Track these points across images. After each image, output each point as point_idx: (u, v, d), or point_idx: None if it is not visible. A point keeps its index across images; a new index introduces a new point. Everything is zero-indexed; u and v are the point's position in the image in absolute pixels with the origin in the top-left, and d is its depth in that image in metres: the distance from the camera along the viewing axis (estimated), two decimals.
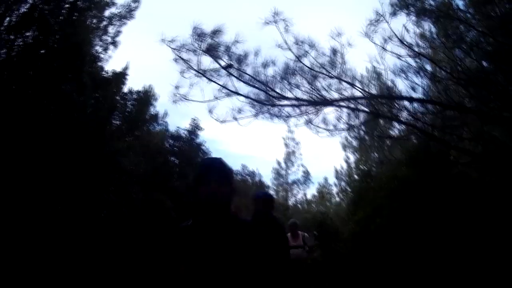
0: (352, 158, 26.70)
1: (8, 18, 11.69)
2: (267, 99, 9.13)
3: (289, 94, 9.13)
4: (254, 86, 9.06)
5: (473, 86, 8.96)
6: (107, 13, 15.63)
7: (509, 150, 9.24)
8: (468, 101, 9.48)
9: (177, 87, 8.86)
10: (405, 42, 9.03)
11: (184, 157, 15.90)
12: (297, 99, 9.15)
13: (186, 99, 8.83)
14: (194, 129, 16.63)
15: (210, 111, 8.90)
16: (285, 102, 9.21)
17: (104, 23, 15.66)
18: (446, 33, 9.70)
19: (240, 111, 9.00)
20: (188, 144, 16.36)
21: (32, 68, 11.29)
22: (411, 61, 9.53)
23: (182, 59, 8.87)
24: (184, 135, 16.53)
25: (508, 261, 7.84)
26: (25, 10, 11.91)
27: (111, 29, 15.82)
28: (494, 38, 8.63)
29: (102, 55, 15.47)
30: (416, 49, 9.38)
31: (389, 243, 9.48)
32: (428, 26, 10.33)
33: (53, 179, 9.85)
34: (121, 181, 11.60)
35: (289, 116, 9.34)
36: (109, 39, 15.76)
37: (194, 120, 16.69)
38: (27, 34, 11.80)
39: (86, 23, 14.45)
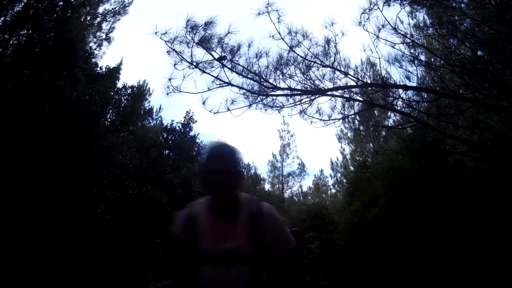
0: (347, 150, 26.93)
1: (2, 18, 11.67)
2: (260, 90, 9.11)
3: (282, 84, 9.11)
4: (247, 77, 9.02)
5: (468, 74, 8.92)
6: (100, 9, 15.63)
7: (505, 138, 9.22)
8: (464, 89, 9.44)
9: (170, 79, 8.81)
10: (398, 30, 8.97)
11: (178, 150, 15.87)
12: (290, 89, 9.12)
13: (179, 91, 8.78)
14: (188, 122, 16.60)
15: (204, 103, 8.86)
16: (279, 92, 9.19)
17: (98, 19, 15.64)
18: (440, 22, 9.67)
19: (233, 102, 8.96)
20: (182, 137, 16.32)
21: (26, 66, 11.26)
22: (405, 50, 9.51)
23: (175, 51, 8.81)
24: (178, 128, 16.50)
25: (505, 249, 7.84)
26: (19, 9, 11.88)
27: (105, 25, 15.81)
28: (489, 27, 8.59)
29: (96, 52, 15.48)
30: (410, 38, 9.33)
31: (385, 232, 9.47)
32: (422, 17, 10.32)
33: (46, 174, 9.81)
34: (115, 175, 11.55)
35: (282, 106, 9.33)
36: (103, 35, 15.76)
37: (188, 113, 16.66)
38: (22, 32, 11.77)
39: (80, 20, 14.41)
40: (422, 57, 10.14)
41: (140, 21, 35.68)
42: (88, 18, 15.25)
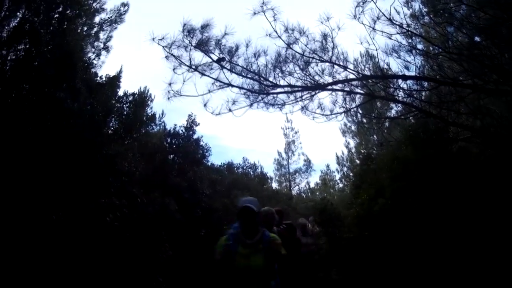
0: (352, 143, 26.90)
1: None
2: (261, 89, 9.15)
3: (282, 82, 9.17)
4: (247, 77, 9.08)
5: (466, 60, 8.94)
6: (97, 19, 15.74)
7: (507, 122, 9.23)
8: (463, 76, 9.46)
9: (170, 84, 8.86)
10: (394, 21, 8.99)
11: (182, 154, 15.90)
12: (290, 86, 9.17)
13: (180, 94, 8.83)
14: (191, 125, 16.58)
15: (205, 105, 8.91)
16: (279, 89, 9.23)
17: (95, 29, 15.76)
18: (435, 10, 9.68)
19: (234, 102, 9.03)
20: (186, 141, 16.34)
21: (26, 81, 11.32)
22: (402, 40, 9.53)
23: (173, 55, 8.87)
24: (181, 132, 16.50)
25: None
26: (15, 24, 11.94)
27: (102, 35, 15.94)
28: (484, 12, 8.61)
29: (95, 61, 15.60)
30: (406, 28, 9.36)
31: (393, 223, 9.47)
32: (418, 6, 10.33)
33: (53, 185, 9.86)
34: (121, 182, 11.59)
35: (284, 103, 9.36)
36: (101, 45, 15.89)
37: (190, 116, 16.64)
38: (19, 47, 11.82)
39: (76, 31, 14.48)
40: (420, 47, 10.18)
41: (137, 28, 35.78)
42: (85, 28, 15.35)
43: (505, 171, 8.55)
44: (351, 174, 25.91)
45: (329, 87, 9.33)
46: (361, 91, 9.99)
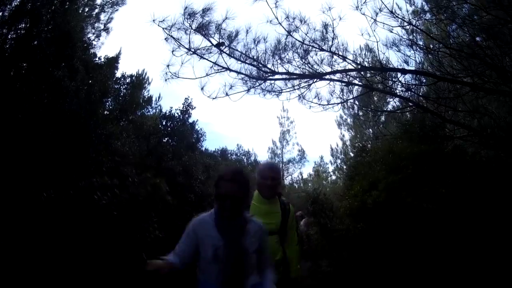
0: (347, 136, 27.12)
1: (0, 13, 11.69)
2: (259, 75, 9.12)
3: (280, 69, 9.14)
4: (245, 62, 9.03)
5: (466, 58, 8.92)
6: (99, 0, 15.71)
7: (505, 123, 9.23)
8: (463, 74, 9.43)
9: (168, 66, 8.83)
10: (395, 14, 8.95)
11: (177, 137, 15.85)
12: (288, 73, 9.14)
13: (177, 77, 8.80)
14: (187, 108, 16.51)
15: (202, 88, 8.88)
16: (277, 76, 9.22)
17: (96, 10, 15.83)
18: (438, 7, 9.67)
19: (231, 87, 9.00)
20: (182, 124, 16.28)
21: (25, 59, 11.32)
22: (403, 35, 9.51)
23: (173, 37, 8.81)
24: (177, 115, 16.44)
25: (506, 235, 7.83)
26: (16, 3, 11.91)
27: (103, 16, 15.99)
28: (487, 12, 8.59)
29: (94, 42, 15.64)
30: (408, 22, 9.33)
31: (386, 216, 9.46)
32: (420, 3, 10.35)
33: (46, 163, 9.84)
34: (114, 163, 11.56)
35: (281, 91, 9.35)
36: (102, 26, 15.95)
37: (187, 99, 16.59)
38: (20, 26, 11.80)
39: (78, 12, 14.47)
40: (420, 42, 10.18)
41: (139, 11, 35.66)
42: (86, 9, 15.38)
43: (501, 172, 8.55)
44: (344, 167, 26.03)
45: (327, 76, 9.31)
46: (359, 83, 9.99)
